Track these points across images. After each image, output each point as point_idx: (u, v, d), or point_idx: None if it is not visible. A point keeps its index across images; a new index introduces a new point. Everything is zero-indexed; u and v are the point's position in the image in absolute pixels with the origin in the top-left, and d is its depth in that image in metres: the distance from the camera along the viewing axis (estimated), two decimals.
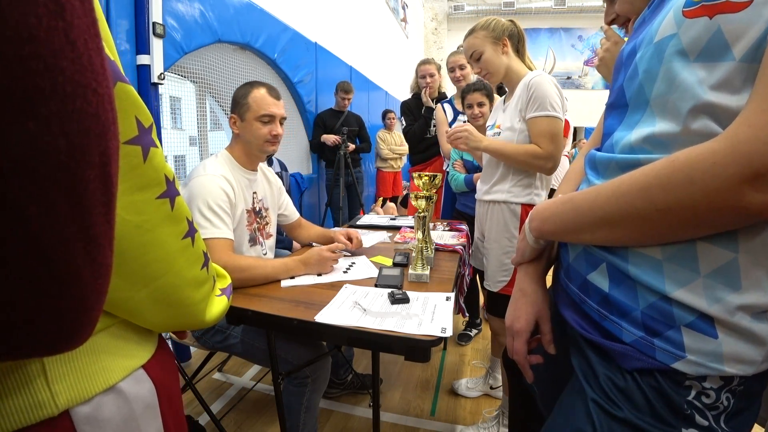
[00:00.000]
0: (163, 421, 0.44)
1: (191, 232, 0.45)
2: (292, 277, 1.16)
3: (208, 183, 1.15)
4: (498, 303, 1.40)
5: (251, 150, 1.28)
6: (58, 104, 0.20)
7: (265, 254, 1.38)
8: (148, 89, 1.73)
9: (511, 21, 1.35)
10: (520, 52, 1.37)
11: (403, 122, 2.75)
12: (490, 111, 1.96)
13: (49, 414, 0.34)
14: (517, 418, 0.83)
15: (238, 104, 1.24)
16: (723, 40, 0.38)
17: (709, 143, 0.38)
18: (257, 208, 1.34)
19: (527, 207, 1.31)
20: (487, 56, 1.31)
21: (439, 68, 2.64)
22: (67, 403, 0.35)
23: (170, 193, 0.40)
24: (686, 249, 0.42)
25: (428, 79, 2.58)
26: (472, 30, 1.35)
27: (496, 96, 2.03)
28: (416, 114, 2.67)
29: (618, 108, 0.53)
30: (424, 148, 2.67)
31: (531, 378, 0.63)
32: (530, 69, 1.35)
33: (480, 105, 1.93)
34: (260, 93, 1.23)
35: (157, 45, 1.74)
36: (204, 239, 1.06)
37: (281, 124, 1.29)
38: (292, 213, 1.54)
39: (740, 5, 0.37)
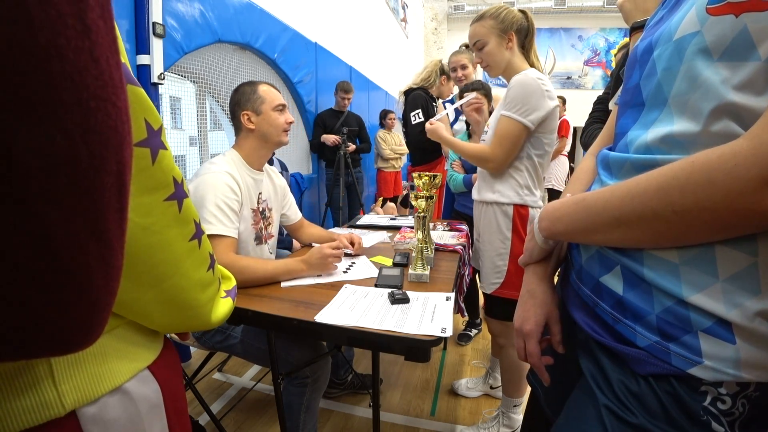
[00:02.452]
0: (168, 422, 0.45)
1: (198, 234, 0.45)
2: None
3: (217, 180, 1.14)
4: (495, 305, 1.39)
5: (268, 143, 1.28)
6: (81, 117, 0.22)
7: (270, 253, 1.39)
8: (148, 89, 1.73)
9: (523, 13, 1.29)
10: (525, 47, 1.31)
11: (419, 116, 2.42)
12: (489, 110, 1.96)
13: (56, 414, 0.34)
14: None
15: (249, 100, 1.24)
16: (749, 39, 0.37)
17: (730, 144, 0.37)
18: (261, 209, 1.33)
19: (519, 208, 1.29)
20: (489, 48, 1.27)
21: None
22: (73, 404, 0.35)
23: (178, 195, 0.41)
24: (704, 252, 0.41)
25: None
26: (481, 16, 1.28)
27: (497, 96, 2.03)
28: (431, 112, 2.47)
29: (633, 107, 0.52)
30: (430, 149, 2.51)
31: (548, 380, 0.62)
32: (533, 66, 1.31)
33: None
34: (266, 86, 1.27)
35: (157, 45, 1.73)
36: (208, 235, 1.07)
37: None
38: (295, 214, 1.53)
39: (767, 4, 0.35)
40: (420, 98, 2.49)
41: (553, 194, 4.33)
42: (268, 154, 1.33)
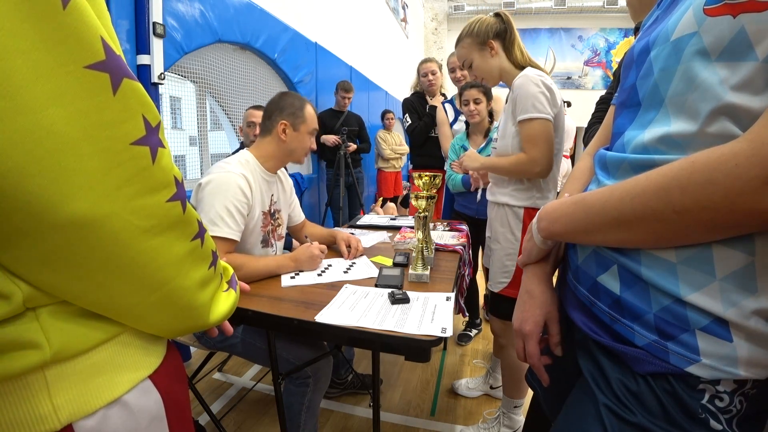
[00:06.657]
0: None
1: (201, 232, 0.43)
2: (293, 276, 1.16)
3: (230, 181, 1.16)
4: (499, 304, 1.40)
5: (290, 157, 1.33)
6: None
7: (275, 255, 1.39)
8: (148, 89, 1.72)
9: (498, 15, 1.29)
10: (508, 50, 1.30)
11: (408, 119, 2.70)
12: (487, 108, 1.96)
13: (51, 428, 0.33)
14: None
15: (293, 114, 1.27)
16: (746, 40, 0.37)
17: (730, 144, 0.37)
18: (272, 211, 1.35)
19: (530, 210, 1.29)
20: (476, 64, 1.31)
21: (440, 67, 2.61)
22: (69, 417, 0.34)
23: (180, 195, 0.39)
24: (702, 252, 0.41)
25: (430, 77, 2.58)
26: (459, 38, 1.33)
27: (498, 96, 2.03)
28: (420, 111, 2.64)
29: (629, 107, 0.52)
30: (428, 152, 2.62)
31: (547, 381, 0.62)
32: (522, 66, 1.29)
33: (476, 102, 1.93)
34: (311, 109, 1.32)
35: (157, 45, 1.73)
36: (211, 237, 1.08)
37: None
38: (298, 215, 1.54)
39: (765, 4, 0.36)
40: (406, 104, 2.73)
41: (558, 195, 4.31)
42: (283, 164, 1.37)
